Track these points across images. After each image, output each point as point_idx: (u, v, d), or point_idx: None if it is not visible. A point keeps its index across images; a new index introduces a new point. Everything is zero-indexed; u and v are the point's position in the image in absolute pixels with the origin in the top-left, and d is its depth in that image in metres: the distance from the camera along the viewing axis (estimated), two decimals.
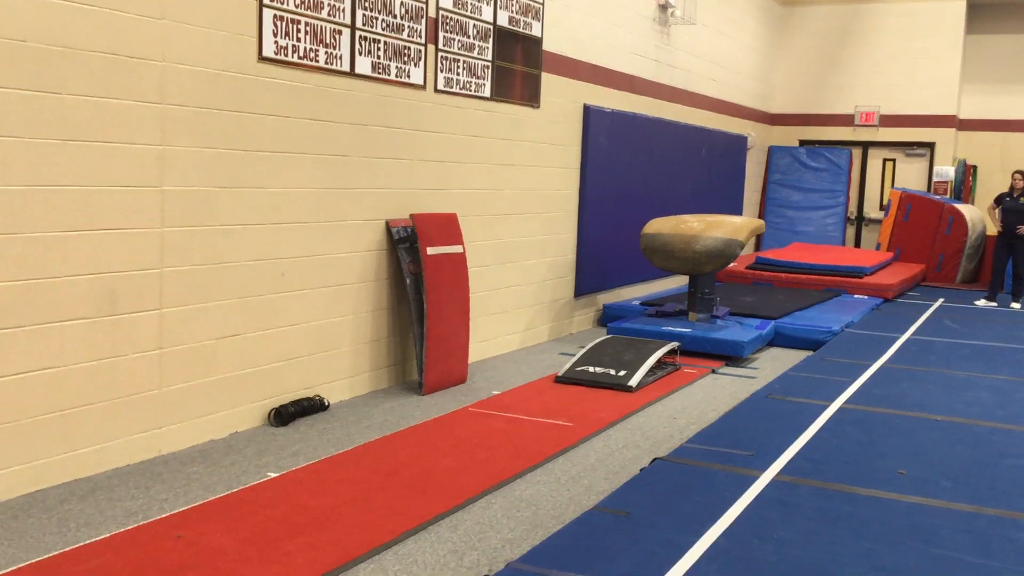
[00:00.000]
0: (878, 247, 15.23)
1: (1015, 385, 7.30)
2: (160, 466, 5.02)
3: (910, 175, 16.14)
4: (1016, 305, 12.09)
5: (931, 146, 15.86)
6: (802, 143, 16.58)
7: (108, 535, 4.05)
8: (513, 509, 4.60)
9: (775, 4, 16.00)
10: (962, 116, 16.11)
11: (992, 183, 16.20)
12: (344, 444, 5.53)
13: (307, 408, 6.06)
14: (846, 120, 16.30)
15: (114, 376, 4.90)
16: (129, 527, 4.15)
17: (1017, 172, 12.07)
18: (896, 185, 15.99)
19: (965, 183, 15.90)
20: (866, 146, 16.36)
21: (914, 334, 9.59)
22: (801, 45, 16.43)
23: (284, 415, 5.88)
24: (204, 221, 5.34)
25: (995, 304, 12.12)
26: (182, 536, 4.04)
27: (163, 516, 4.28)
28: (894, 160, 16.28)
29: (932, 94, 15.69)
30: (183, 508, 4.39)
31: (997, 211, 12.18)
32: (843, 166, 15.86)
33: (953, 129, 15.76)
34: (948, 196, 15.33)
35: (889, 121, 15.99)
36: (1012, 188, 12.04)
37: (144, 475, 4.86)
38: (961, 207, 14.49)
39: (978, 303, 12.17)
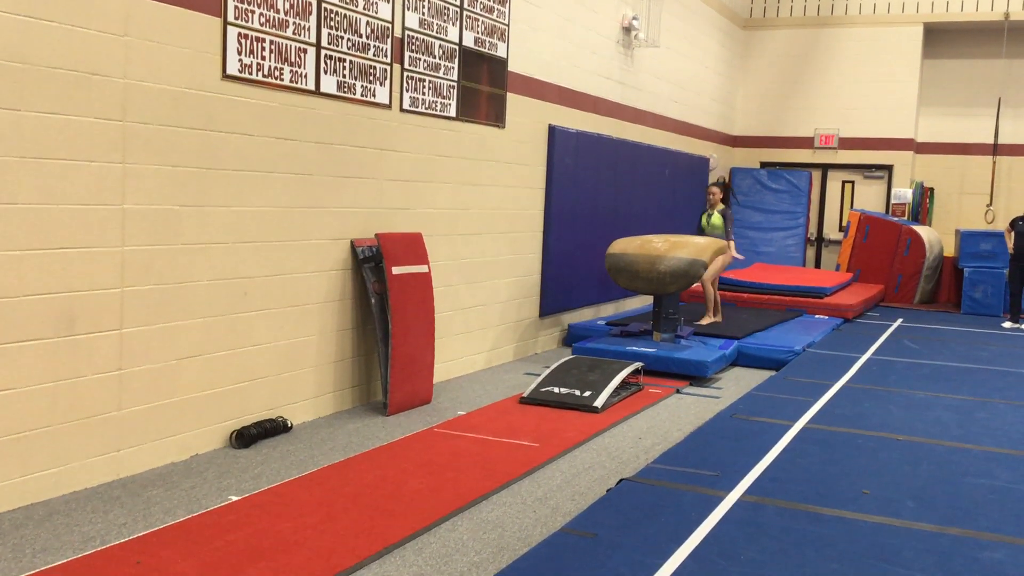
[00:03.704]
0: (838, 268, 15.42)
1: (974, 404, 7.40)
2: (119, 489, 4.92)
3: (869, 197, 16.38)
4: (1006, 324, 12.43)
5: (889, 168, 16.11)
6: (763, 165, 16.76)
7: (65, 561, 3.96)
8: (479, 531, 4.56)
9: (737, 28, 16.20)
10: (919, 139, 16.38)
11: (949, 205, 16.49)
12: (307, 466, 5.46)
13: (270, 430, 5.98)
14: (806, 143, 16.51)
15: (72, 398, 4.81)
16: (87, 553, 4.06)
17: None
18: (855, 207, 16.21)
19: (923, 205, 16.16)
20: (825, 168, 16.58)
21: (874, 354, 9.70)
22: (762, 69, 16.64)
23: (246, 437, 5.79)
24: (166, 240, 5.26)
25: (1020, 326, 12.41)
26: (141, 562, 3.96)
27: (122, 541, 4.19)
28: (853, 182, 16.51)
29: (890, 117, 15.95)
30: (142, 533, 4.30)
31: (1012, 235, 12.46)
32: (803, 188, 16.06)
33: (911, 152, 16.03)
34: (906, 218, 15.57)
35: (848, 144, 16.23)
36: None
37: (103, 499, 4.77)
38: (919, 229, 14.72)
39: (1004, 325, 12.50)
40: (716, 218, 10.46)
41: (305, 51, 6.16)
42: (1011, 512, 4.79)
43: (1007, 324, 12.54)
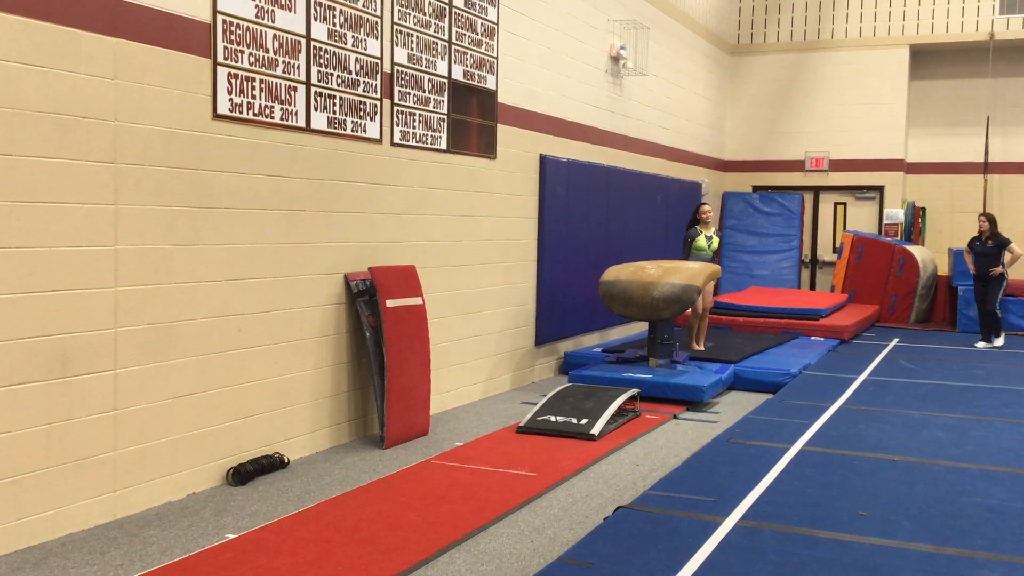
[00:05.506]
0: (832, 289, 15.45)
1: (970, 423, 7.41)
2: (116, 530, 4.91)
3: (861, 218, 16.46)
4: (980, 344, 12.25)
5: (880, 189, 16.20)
6: (755, 189, 16.85)
7: None
8: (477, 563, 4.56)
9: (724, 54, 16.35)
10: (909, 159, 16.50)
11: (941, 224, 16.58)
12: (305, 502, 5.45)
13: (266, 466, 5.98)
14: (797, 166, 16.62)
15: (67, 439, 4.81)
16: None
17: (981, 215, 12.30)
18: (848, 228, 16.29)
19: (915, 224, 16.24)
20: (817, 190, 16.67)
21: (871, 375, 9.71)
22: (751, 93, 16.78)
23: (243, 474, 5.79)
24: (159, 280, 5.29)
25: (991, 344, 12.24)
26: None
27: None
28: (845, 203, 16.60)
29: (880, 139, 16.07)
30: (139, 574, 4.29)
31: (970, 255, 12.34)
32: (795, 210, 16.14)
33: (901, 172, 16.13)
34: (899, 238, 15.64)
35: (839, 166, 16.34)
36: (980, 232, 12.20)
37: (99, 540, 4.76)
38: (912, 248, 14.78)
39: (978, 345, 12.24)
40: (715, 241, 10.26)
41: (295, 89, 6.23)
42: (1007, 531, 4.79)
43: (980, 344, 12.30)
